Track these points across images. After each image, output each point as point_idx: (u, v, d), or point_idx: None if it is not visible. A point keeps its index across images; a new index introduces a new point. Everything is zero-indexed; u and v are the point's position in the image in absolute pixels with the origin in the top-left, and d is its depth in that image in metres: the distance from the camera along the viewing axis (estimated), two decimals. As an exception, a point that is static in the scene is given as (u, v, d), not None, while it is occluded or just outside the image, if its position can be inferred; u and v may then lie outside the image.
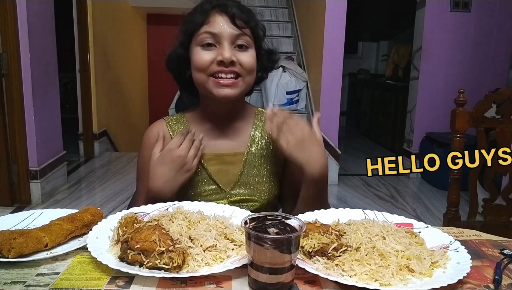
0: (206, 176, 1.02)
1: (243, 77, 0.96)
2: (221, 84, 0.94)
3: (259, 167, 1.04)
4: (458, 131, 1.49)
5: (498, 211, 1.55)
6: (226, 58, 0.92)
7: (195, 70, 0.97)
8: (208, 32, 0.94)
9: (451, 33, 3.79)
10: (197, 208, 0.88)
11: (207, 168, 1.02)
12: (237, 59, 0.94)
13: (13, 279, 0.67)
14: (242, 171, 1.03)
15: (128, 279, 0.66)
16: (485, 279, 0.70)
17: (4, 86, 2.86)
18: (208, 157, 1.03)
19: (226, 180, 1.03)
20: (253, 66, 0.97)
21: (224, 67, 0.93)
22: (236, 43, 0.95)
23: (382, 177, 4.00)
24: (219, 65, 0.94)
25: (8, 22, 2.79)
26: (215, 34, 0.94)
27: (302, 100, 4.14)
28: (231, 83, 0.94)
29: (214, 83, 0.95)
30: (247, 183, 1.03)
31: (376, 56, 6.97)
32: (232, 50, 0.94)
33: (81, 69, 4.28)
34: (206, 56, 0.94)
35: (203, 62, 0.94)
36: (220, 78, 0.94)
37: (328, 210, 0.90)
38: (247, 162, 1.03)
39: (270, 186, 1.04)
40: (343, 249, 0.72)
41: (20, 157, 2.97)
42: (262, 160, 1.04)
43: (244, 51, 0.96)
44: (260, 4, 5.14)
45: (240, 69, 0.95)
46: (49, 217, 0.84)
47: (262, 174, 1.04)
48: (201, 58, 0.95)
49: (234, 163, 1.03)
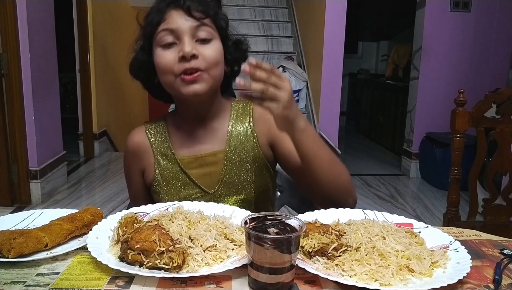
0: (188, 181, 1.01)
1: (208, 70, 0.92)
2: (186, 80, 0.91)
3: (242, 163, 1.01)
4: (458, 131, 1.49)
5: (498, 211, 1.55)
6: (187, 52, 0.89)
7: (160, 73, 0.94)
8: (166, 29, 0.91)
9: (451, 33, 3.79)
10: (197, 208, 0.88)
11: (188, 172, 1.00)
12: (200, 53, 0.90)
13: (13, 279, 0.67)
14: (224, 170, 1.00)
15: (128, 279, 0.66)
16: (485, 279, 0.70)
17: (4, 86, 2.86)
18: (187, 160, 1.01)
19: (209, 182, 1.01)
20: (217, 58, 0.93)
21: (187, 62, 0.90)
22: (197, 36, 0.91)
23: (382, 177, 4.01)
24: (181, 61, 0.90)
25: (8, 22, 2.80)
26: (173, 29, 0.91)
27: (302, 100, 4.14)
28: (195, 77, 0.90)
29: (180, 82, 0.92)
30: (231, 182, 1.00)
31: (376, 56, 6.96)
32: (193, 44, 0.90)
33: (81, 69, 4.28)
34: (167, 56, 0.91)
35: (166, 63, 0.91)
36: (185, 75, 0.91)
37: (328, 210, 0.90)
38: (228, 159, 1.00)
39: (257, 178, 1.02)
40: (343, 249, 0.72)
41: (20, 157, 2.97)
42: (245, 155, 1.01)
43: (207, 44, 0.92)
44: (260, 4, 5.14)
45: (204, 63, 0.91)
46: (49, 217, 0.84)
47: (245, 169, 1.01)
48: (163, 59, 0.92)
49: (216, 163, 1.01)
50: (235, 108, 1.05)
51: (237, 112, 1.04)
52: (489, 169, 1.54)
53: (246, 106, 1.05)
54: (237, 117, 1.04)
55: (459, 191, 1.55)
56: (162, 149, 1.03)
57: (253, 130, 1.03)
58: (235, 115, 1.04)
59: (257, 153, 1.02)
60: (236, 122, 1.03)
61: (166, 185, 1.01)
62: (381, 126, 5.36)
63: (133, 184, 1.08)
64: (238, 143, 1.01)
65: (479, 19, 3.78)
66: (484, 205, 1.55)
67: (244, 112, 1.04)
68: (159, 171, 1.02)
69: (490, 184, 1.55)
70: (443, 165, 3.44)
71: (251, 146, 1.02)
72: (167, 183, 1.01)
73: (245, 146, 1.01)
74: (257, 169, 1.02)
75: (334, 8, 3.51)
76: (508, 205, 1.55)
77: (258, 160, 1.02)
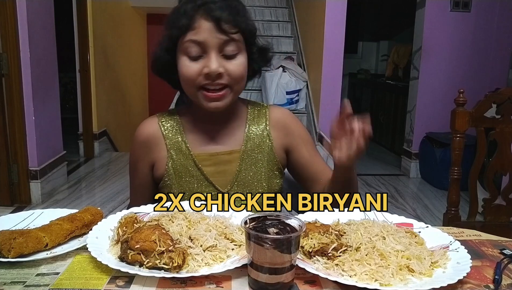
0: (202, 177, 1.01)
1: (231, 86, 0.93)
2: (209, 97, 0.92)
3: (257, 164, 1.02)
4: (458, 131, 1.50)
5: (498, 211, 1.55)
6: (213, 71, 0.89)
7: (183, 82, 0.95)
8: (193, 41, 0.90)
9: (451, 33, 3.79)
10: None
11: (202, 169, 1.00)
12: (225, 69, 0.91)
13: (13, 279, 0.67)
14: (239, 169, 1.01)
15: (128, 279, 0.66)
16: (485, 279, 0.70)
17: (4, 86, 2.86)
18: (202, 157, 1.01)
19: (223, 180, 1.01)
20: (242, 75, 0.94)
21: (211, 79, 0.91)
22: (224, 51, 0.91)
23: (382, 177, 4.00)
24: (207, 78, 0.91)
25: (8, 22, 2.80)
26: (201, 42, 0.90)
27: (302, 100, 4.14)
28: (219, 96, 0.92)
29: (203, 96, 0.93)
30: (245, 182, 1.02)
31: (376, 56, 6.96)
32: (219, 60, 0.91)
33: (81, 69, 4.27)
34: (192, 68, 0.91)
35: (190, 75, 0.92)
36: (208, 91, 0.92)
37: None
38: (243, 159, 1.01)
39: (269, 182, 1.03)
40: (343, 249, 0.72)
41: (20, 157, 2.97)
42: (259, 156, 1.03)
43: (233, 59, 0.92)
44: (260, 4, 5.14)
45: (228, 80, 0.92)
46: (49, 217, 0.84)
47: (260, 171, 1.02)
48: (187, 71, 0.92)
49: (231, 161, 1.01)
50: (252, 111, 1.07)
51: (253, 114, 1.06)
52: (489, 169, 1.54)
53: (261, 109, 1.07)
54: (254, 119, 1.05)
55: (459, 191, 1.55)
56: (177, 144, 1.02)
57: (269, 133, 1.04)
58: (252, 117, 1.05)
59: (272, 156, 1.04)
60: (252, 124, 1.05)
61: (178, 180, 1.01)
62: (381, 126, 5.36)
63: (139, 176, 1.06)
64: (254, 144, 1.03)
65: (479, 19, 3.78)
66: (484, 205, 1.55)
67: (260, 115, 1.06)
68: (172, 164, 1.01)
69: (490, 184, 1.55)
70: (443, 165, 3.44)
71: (267, 149, 1.04)
72: (180, 178, 1.01)
73: (261, 148, 1.03)
74: (270, 171, 1.04)
75: (334, 8, 3.51)
76: (508, 205, 1.55)
77: (272, 162, 1.04)
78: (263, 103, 1.10)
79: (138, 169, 1.05)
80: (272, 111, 1.07)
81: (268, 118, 1.05)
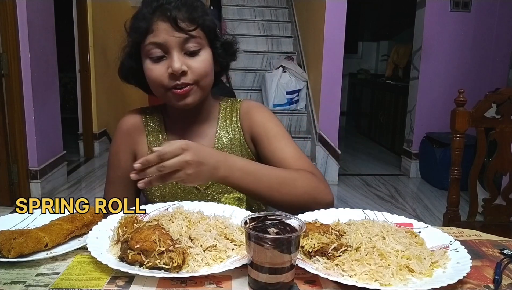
0: None
1: (198, 82, 0.93)
2: (178, 94, 0.92)
3: None
4: (458, 131, 1.49)
5: (498, 211, 1.55)
6: (176, 70, 0.89)
7: (151, 85, 0.96)
8: (153, 43, 0.91)
9: (451, 33, 3.80)
10: (197, 208, 0.88)
11: None
12: (189, 67, 0.91)
13: (13, 279, 0.67)
14: None
15: (128, 279, 0.66)
16: (485, 279, 0.70)
17: (4, 86, 2.86)
18: None
19: None
20: (206, 70, 0.94)
21: (176, 79, 0.91)
22: (186, 49, 0.91)
23: (382, 177, 4.01)
24: (171, 78, 0.91)
25: (8, 22, 2.80)
26: (161, 43, 0.90)
27: (302, 100, 4.14)
28: (186, 91, 0.92)
29: (172, 95, 0.93)
30: None
31: (376, 56, 6.97)
32: (181, 59, 0.91)
33: (81, 69, 4.28)
34: (157, 70, 0.92)
35: (155, 77, 0.92)
36: (176, 89, 0.92)
37: (328, 210, 0.90)
38: None
39: None
40: (343, 249, 0.72)
41: (20, 157, 2.97)
42: (234, 151, 1.03)
43: (196, 56, 0.92)
44: (260, 4, 5.14)
45: (193, 77, 0.92)
46: (49, 217, 0.83)
47: None
48: (152, 73, 0.92)
49: None
50: (223, 107, 1.07)
51: (225, 111, 1.06)
52: (489, 169, 1.54)
53: (233, 104, 1.07)
54: (226, 116, 1.06)
55: (459, 191, 1.54)
56: (157, 141, 1.04)
57: (240, 125, 1.04)
58: (224, 114, 1.06)
59: (245, 149, 1.04)
60: (224, 121, 1.05)
61: None
62: (381, 126, 5.36)
63: (121, 167, 1.04)
64: (226, 140, 1.03)
65: (479, 19, 3.78)
66: (484, 205, 1.55)
67: (232, 110, 1.06)
68: None
69: (490, 184, 1.54)
70: (443, 165, 3.44)
71: (239, 143, 1.04)
72: None
73: (234, 143, 1.04)
74: None
75: (334, 8, 3.51)
76: (508, 205, 1.55)
77: (245, 155, 1.03)
78: (237, 99, 1.09)
79: (120, 160, 1.04)
80: (242, 104, 1.06)
81: (239, 112, 1.05)
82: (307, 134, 3.99)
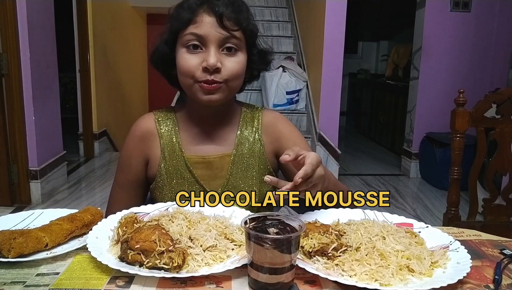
0: (193, 180, 1.00)
1: (227, 82, 0.92)
2: (205, 89, 0.91)
3: (248, 168, 1.01)
4: (458, 131, 1.50)
5: (498, 211, 1.55)
6: (211, 65, 0.89)
7: (180, 74, 0.94)
8: (194, 34, 0.90)
9: (451, 33, 3.79)
10: (197, 208, 0.88)
11: (194, 172, 1.00)
12: (223, 64, 0.91)
13: (13, 279, 0.67)
14: (230, 173, 1.00)
15: (128, 279, 0.66)
16: (485, 279, 0.70)
17: (4, 86, 2.86)
18: (194, 160, 1.00)
19: (214, 184, 1.00)
20: (239, 72, 0.93)
21: (209, 73, 0.90)
22: (224, 46, 0.91)
23: (382, 177, 4.01)
24: (204, 71, 0.90)
25: (8, 22, 2.79)
26: (201, 36, 0.89)
27: (302, 100, 4.14)
28: (214, 87, 0.91)
29: (199, 87, 0.92)
30: (235, 186, 1.00)
31: (376, 56, 6.96)
32: (218, 55, 0.90)
33: (81, 69, 4.27)
34: (191, 61, 0.91)
35: (188, 68, 0.91)
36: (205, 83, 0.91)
37: (328, 210, 0.90)
38: (235, 163, 1.01)
39: (260, 187, 1.02)
40: (343, 249, 0.72)
41: (20, 157, 2.97)
42: (251, 160, 1.02)
43: (232, 56, 0.92)
44: (260, 4, 5.14)
45: (225, 76, 0.91)
46: (49, 217, 0.84)
47: (251, 175, 1.01)
48: (186, 63, 0.91)
49: (222, 166, 1.01)
50: (245, 113, 1.06)
51: (246, 117, 1.05)
52: (489, 169, 1.54)
53: (255, 112, 1.06)
54: (247, 123, 1.04)
55: (459, 191, 1.55)
56: (171, 144, 1.01)
57: (261, 137, 1.03)
58: (245, 120, 1.05)
59: (263, 161, 1.03)
60: (245, 127, 1.04)
61: (169, 182, 1.00)
62: (381, 126, 5.36)
63: (131, 172, 1.03)
64: (246, 148, 1.02)
65: (479, 19, 3.78)
66: (484, 205, 1.55)
67: (253, 118, 1.05)
68: (164, 166, 1.00)
69: (490, 184, 1.55)
70: (443, 165, 3.44)
71: (258, 153, 1.03)
72: (171, 180, 1.00)
73: (252, 152, 1.02)
74: (262, 176, 1.02)
75: (334, 8, 3.50)
76: (508, 205, 1.55)
77: (263, 167, 1.03)
78: (258, 106, 1.08)
79: (131, 165, 1.03)
80: (265, 114, 1.06)
81: (261, 122, 1.04)
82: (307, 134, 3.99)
